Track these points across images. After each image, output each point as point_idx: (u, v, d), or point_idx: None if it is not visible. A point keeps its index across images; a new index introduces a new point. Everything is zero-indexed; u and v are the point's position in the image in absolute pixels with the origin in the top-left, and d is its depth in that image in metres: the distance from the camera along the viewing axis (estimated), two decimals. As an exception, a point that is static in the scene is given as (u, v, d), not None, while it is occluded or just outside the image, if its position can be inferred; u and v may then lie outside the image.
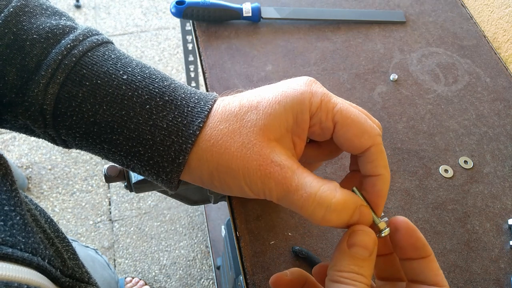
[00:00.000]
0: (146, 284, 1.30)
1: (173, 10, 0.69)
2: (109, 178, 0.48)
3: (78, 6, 2.07)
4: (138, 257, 1.37)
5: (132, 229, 1.42)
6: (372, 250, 0.25)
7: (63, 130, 0.27)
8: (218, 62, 0.67)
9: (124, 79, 0.27)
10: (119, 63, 0.28)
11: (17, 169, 1.48)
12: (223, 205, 1.21)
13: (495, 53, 0.74)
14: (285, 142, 0.27)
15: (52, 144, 1.68)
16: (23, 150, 1.57)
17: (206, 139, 0.26)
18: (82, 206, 1.45)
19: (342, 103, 0.27)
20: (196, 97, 0.28)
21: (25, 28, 0.27)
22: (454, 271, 0.51)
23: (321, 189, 0.24)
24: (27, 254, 0.23)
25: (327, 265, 0.27)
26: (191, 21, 0.74)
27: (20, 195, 0.27)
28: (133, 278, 1.31)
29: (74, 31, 0.28)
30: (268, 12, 0.72)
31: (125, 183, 0.49)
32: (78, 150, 1.56)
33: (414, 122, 0.64)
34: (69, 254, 0.30)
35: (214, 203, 0.58)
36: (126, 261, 1.36)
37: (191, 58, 1.24)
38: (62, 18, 0.29)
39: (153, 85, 0.27)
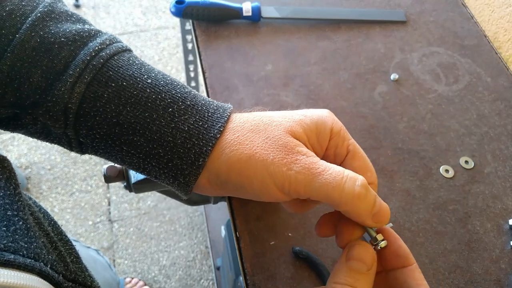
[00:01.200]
0: (145, 284, 1.30)
1: (172, 9, 0.69)
2: (109, 178, 0.48)
3: (77, 6, 2.06)
4: (138, 258, 1.37)
5: (131, 229, 1.42)
6: (370, 265, 0.25)
7: (83, 130, 0.28)
8: (218, 61, 0.67)
9: (148, 82, 0.28)
10: (143, 68, 0.29)
11: (17, 169, 1.48)
12: (223, 206, 1.21)
13: (496, 53, 0.73)
14: (308, 147, 0.28)
15: (51, 145, 1.68)
16: (22, 150, 1.56)
17: (227, 142, 0.27)
18: (81, 207, 1.44)
19: (353, 140, 0.30)
20: (215, 104, 0.29)
21: (52, 32, 0.27)
22: (455, 272, 0.51)
23: (347, 170, 0.26)
24: (30, 260, 0.23)
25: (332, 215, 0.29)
26: (190, 21, 0.74)
27: (23, 198, 0.27)
28: (132, 278, 1.31)
29: (100, 35, 0.29)
30: (268, 11, 0.72)
31: (125, 183, 0.49)
32: (77, 150, 1.56)
33: (415, 122, 0.64)
34: (72, 258, 0.30)
35: (214, 203, 0.58)
36: (126, 262, 1.36)
37: (190, 57, 1.24)
38: (86, 25, 0.30)
39: (176, 90, 0.28)
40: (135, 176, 0.47)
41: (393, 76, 0.68)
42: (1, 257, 0.22)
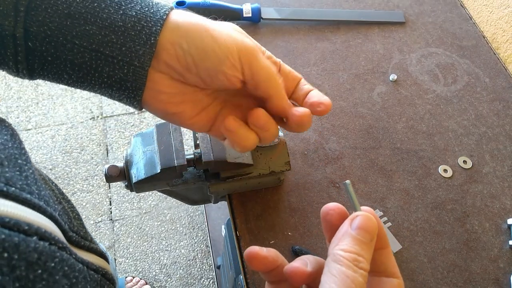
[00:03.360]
0: (146, 283, 1.31)
1: (173, 10, 0.69)
2: (110, 178, 0.48)
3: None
4: (139, 257, 1.37)
5: (132, 228, 1.42)
6: (374, 235, 0.26)
7: (34, 27, 0.27)
8: (218, 62, 0.67)
9: None
10: None
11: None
12: (223, 205, 1.21)
13: (494, 54, 0.74)
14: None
15: (52, 144, 1.66)
16: (23, 150, 1.56)
17: (177, 24, 0.29)
18: (83, 206, 1.45)
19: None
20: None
21: None
22: (454, 271, 0.51)
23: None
24: (42, 203, 0.24)
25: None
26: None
27: (29, 155, 0.28)
28: (133, 277, 1.31)
29: None
30: (268, 12, 0.72)
31: (126, 183, 0.49)
32: (78, 150, 1.56)
33: (414, 122, 0.64)
34: (74, 214, 0.31)
35: (214, 202, 0.58)
36: (127, 261, 1.36)
37: (191, 58, 1.24)
38: None
39: None
40: (136, 175, 0.47)
41: (392, 76, 0.69)
42: (19, 194, 0.23)
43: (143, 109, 0.33)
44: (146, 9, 0.30)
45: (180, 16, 0.30)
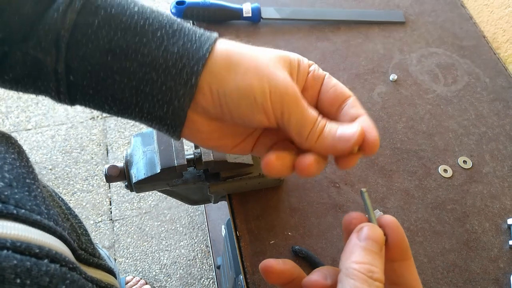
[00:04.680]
0: (146, 283, 1.31)
1: (173, 10, 0.69)
2: (110, 178, 0.48)
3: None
4: (139, 257, 1.37)
5: (132, 228, 1.42)
6: (382, 244, 0.26)
7: (75, 62, 0.27)
8: (218, 62, 0.67)
9: (135, 10, 0.28)
10: None
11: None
12: (223, 205, 1.21)
13: (495, 53, 0.74)
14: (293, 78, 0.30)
15: (52, 144, 1.66)
16: (23, 150, 1.56)
17: (218, 62, 0.28)
18: (83, 206, 1.45)
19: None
20: (201, 30, 0.31)
21: None
22: (454, 271, 0.51)
23: (323, 119, 0.29)
24: (52, 223, 0.24)
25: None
26: (191, 22, 0.74)
27: (36, 172, 0.28)
28: (133, 277, 1.31)
29: None
30: (268, 12, 0.72)
31: (126, 183, 0.49)
32: (78, 150, 1.56)
33: (414, 122, 0.64)
34: (81, 230, 0.31)
35: (214, 202, 0.58)
36: (127, 261, 1.36)
37: (191, 58, 1.24)
38: None
39: (162, 17, 0.29)
40: (136, 175, 0.47)
41: (392, 76, 0.69)
42: (30, 216, 0.23)
43: None
44: (189, 44, 0.28)
45: (222, 54, 0.29)
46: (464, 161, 0.60)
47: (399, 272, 0.26)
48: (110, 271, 0.32)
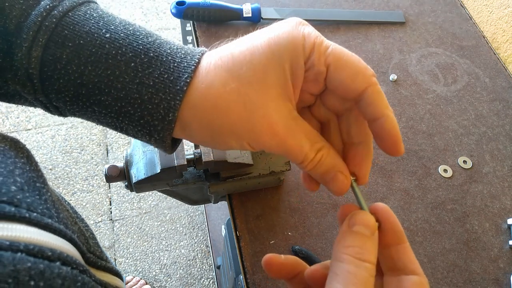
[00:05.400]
0: (146, 283, 1.31)
1: (173, 10, 0.69)
2: (110, 178, 0.48)
3: (78, 6, 2.06)
4: (139, 257, 1.37)
5: (132, 228, 1.42)
6: (373, 228, 0.25)
7: (52, 94, 0.27)
8: (218, 62, 0.67)
9: (106, 37, 0.26)
10: (101, 21, 0.27)
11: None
12: (223, 205, 1.21)
13: (494, 54, 0.74)
14: (286, 91, 0.26)
15: (52, 144, 1.66)
16: (23, 150, 1.56)
17: (198, 95, 0.26)
18: (83, 206, 1.45)
19: (334, 45, 0.26)
20: (183, 52, 0.27)
21: None
22: (454, 271, 0.51)
23: (311, 150, 0.26)
24: (62, 226, 0.25)
25: (320, 268, 0.27)
26: (191, 22, 0.74)
27: (45, 176, 0.28)
28: (133, 277, 1.31)
29: None
30: (268, 12, 0.72)
31: (126, 183, 0.49)
32: (78, 150, 1.56)
33: (414, 122, 0.64)
34: (89, 234, 0.31)
35: (214, 202, 0.58)
36: (127, 261, 1.36)
37: (191, 58, 1.24)
38: None
39: (137, 42, 0.27)
40: (136, 175, 0.47)
41: (392, 76, 0.69)
42: (41, 220, 0.23)
43: None
44: (166, 75, 0.26)
45: (201, 86, 0.26)
46: (464, 161, 0.60)
47: (396, 257, 0.26)
48: (118, 274, 0.32)
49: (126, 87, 0.26)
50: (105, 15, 0.28)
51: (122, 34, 0.27)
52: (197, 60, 0.26)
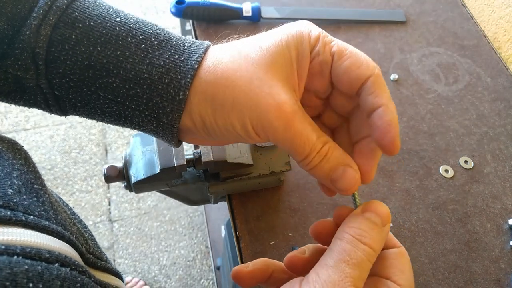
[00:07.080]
0: (146, 284, 1.30)
1: (173, 9, 0.69)
2: (109, 178, 0.48)
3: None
4: (138, 258, 1.37)
5: (131, 229, 1.42)
6: (385, 220, 0.25)
7: (56, 79, 0.26)
8: (218, 62, 0.67)
9: (117, 21, 0.26)
10: (111, 9, 0.28)
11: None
12: (223, 205, 1.21)
13: (496, 53, 0.73)
14: (291, 81, 0.26)
15: (51, 144, 1.66)
16: (22, 150, 1.56)
17: (207, 73, 0.26)
18: (81, 206, 1.44)
19: (338, 40, 0.27)
20: (191, 40, 0.28)
21: None
22: (455, 271, 0.51)
23: (318, 141, 0.25)
24: (60, 228, 0.25)
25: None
26: (191, 21, 0.74)
27: (43, 178, 0.27)
28: (132, 278, 1.31)
29: None
30: (268, 11, 0.72)
31: (125, 183, 0.49)
32: (77, 150, 1.56)
33: (415, 122, 0.64)
34: (87, 235, 0.31)
35: (214, 203, 0.58)
36: (126, 262, 1.36)
37: (191, 58, 1.24)
38: None
39: (147, 27, 0.27)
40: (135, 176, 0.47)
41: (393, 76, 0.68)
42: (38, 222, 0.23)
43: None
44: (176, 56, 0.26)
45: (211, 66, 0.26)
46: (466, 161, 0.60)
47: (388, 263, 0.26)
48: (117, 274, 0.32)
49: (135, 67, 0.26)
50: (113, 6, 0.29)
51: (132, 20, 0.27)
52: (207, 45, 0.27)
